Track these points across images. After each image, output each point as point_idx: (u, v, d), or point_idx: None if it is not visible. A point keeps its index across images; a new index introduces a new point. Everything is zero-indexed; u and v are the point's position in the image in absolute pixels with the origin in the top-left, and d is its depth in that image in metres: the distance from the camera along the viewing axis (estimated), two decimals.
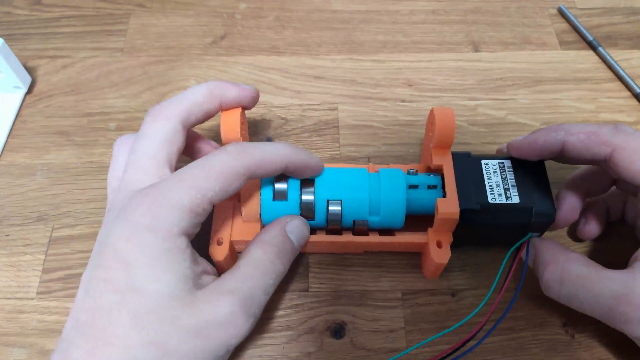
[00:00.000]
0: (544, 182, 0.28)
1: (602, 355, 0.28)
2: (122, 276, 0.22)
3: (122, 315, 0.21)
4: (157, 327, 0.21)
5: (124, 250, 0.22)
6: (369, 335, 0.28)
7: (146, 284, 0.22)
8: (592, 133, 0.25)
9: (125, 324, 0.21)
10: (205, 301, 0.23)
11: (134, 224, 0.22)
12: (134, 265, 0.22)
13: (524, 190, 0.27)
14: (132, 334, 0.21)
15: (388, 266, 0.31)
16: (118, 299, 0.21)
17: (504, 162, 0.28)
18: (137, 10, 0.43)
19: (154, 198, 0.23)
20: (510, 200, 0.27)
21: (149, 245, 0.22)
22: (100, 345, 0.21)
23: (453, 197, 0.27)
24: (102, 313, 0.21)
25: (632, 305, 0.23)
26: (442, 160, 0.28)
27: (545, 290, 0.26)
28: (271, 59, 0.40)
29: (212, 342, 0.22)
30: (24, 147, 0.35)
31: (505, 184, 0.27)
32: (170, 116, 0.26)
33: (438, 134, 0.27)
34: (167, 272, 0.22)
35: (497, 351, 0.28)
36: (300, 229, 0.27)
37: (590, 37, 0.40)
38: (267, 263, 0.25)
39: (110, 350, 0.21)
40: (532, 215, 0.27)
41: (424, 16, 0.43)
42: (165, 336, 0.21)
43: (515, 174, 0.28)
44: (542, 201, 0.27)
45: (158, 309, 0.21)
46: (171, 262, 0.22)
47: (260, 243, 0.26)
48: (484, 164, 0.28)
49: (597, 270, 0.25)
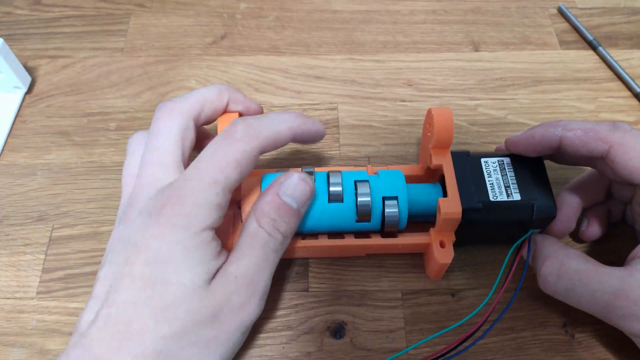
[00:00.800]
0: (543, 179, 0.28)
1: (602, 355, 0.28)
2: (151, 272, 0.22)
3: (148, 309, 0.22)
4: (181, 320, 0.22)
5: (156, 247, 0.22)
6: (369, 335, 0.28)
7: (174, 278, 0.22)
8: (590, 129, 0.25)
9: (151, 317, 0.22)
10: (217, 289, 0.23)
11: (164, 224, 0.23)
12: (164, 262, 0.22)
13: (524, 187, 0.27)
14: (158, 327, 0.22)
15: (388, 266, 0.31)
16: (146, 294, 0.22)
17: (503, 160, 0.28)
18: (137, 10, 0.43)
19: (181, 198, 0.23)
20: (512, 197, 0.27)
21: (179, 243, 0.23)
22: (125, 339, 0.21)
23: (455, 196, 0.27)
24: (127, 307, 0.22)
25: (628, 300, 0.23)
26: (442, 160, 0.28)
27: (542, 285, 0.26)
28: (271, 59, 0.40)
29: (226, 328, 0.23)
30: (24, 147, 0.35)
31: (505, 181, 0.27)
32: (183, 112, 0.26)
33: (437, 134, 0.27)
34: (195, 266, 0.23)
35: (497, 351, 0.28)
36: (298, 187, 0.25)
37: (591, 37, 0.40)
38: (265, 236, 0.25)
39: (136, 344, 0.21)
40: (533, 212, 0.27)
41: (424, 16, 0.43)
42: (187, 327, 0.22)
43: (515, 171, 0.28)
44: (543, 197, 0.27)
45: (182, 301, 0.22)
46: (200, 257, 0.23)
47: (255, 213, 0.25)
48: (484, 162, 0.28)
49: (594, 266, 0.25)
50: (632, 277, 0.24)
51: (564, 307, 0.29)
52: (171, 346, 0.22)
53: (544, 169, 0.28)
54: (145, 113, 0.37)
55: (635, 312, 0.23)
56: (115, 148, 0.35)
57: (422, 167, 0.31)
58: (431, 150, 0.28)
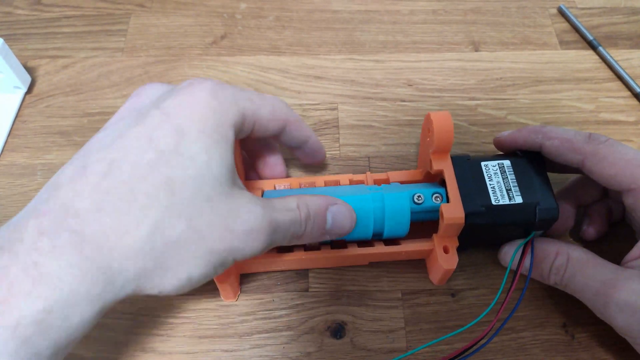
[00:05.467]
0: (544, 180, 0.28)
1: (602, 355, 0.28)
2: (170, 139, 0.21)
3: (158, 174, 0.20)
4: (188, 198, 0.20)
5: (179, 116, 0.21)
6: (369, 335, 0.28)
7: (195, 153, 0.21)
8: (566, 140, 0.26)
9: (158, 184, 0.20)
10: (241, 199, 0.22)
11: (196, 97, 0.22)
12: (186, 133, 0.21)
13: (526, 190, 0.27)
14: (160, 196, 0.20)
15: (388, 266, 0.31)
16: (159, 159, 0.20)
17: (503, 163, 0.28)
18: (137, 10, 0.43)
19: (215, 84, 0.23)
20: (514, 200, 0.27)
21: (206, 120, 0.21)
22: (126, 202, 0.20)
23: (457, 201, 0.26)
24: (136, 169, 0.20)
25: (615, 289, 0.24)
26: (442, 165, 0.28)
27: (553, 278, 0.27)
28: (271, 59, 0.40)
29: (229, 241, 0.21)
30: (24, 147, 0.35)
31: (507, 184, 0.27)
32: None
33: (437, 139, 0.27)
34: (216, 150, 0.21)
35: (497, 351, 0.28)
36: (343, 218, 0.26)
37: (591, 37, 0.40)
38: (297, 217, 0.24)
39: (135, 208, 0.20)
40: (536, 214, 0.27)
41: (424, 16, 0.43)
42: (193, 210, 0.20)
43: (515, 174, 0.28)
44: (545, 199, 0.27)
45: (196, 180, 0.21)
46: (223, 145, 0.22)
47: (300, 200, 0.25)
48: (484, 165, 0.28)
49: (594, 257, 0.26)
50: (625, 271, 0.25)
51: (564, 307, 0.29)
52: (171, 221, 0.20)
53: (544, 168, 0.28)
54: None
55: (618, 302, 0.24)
56: None
57: (422, 171, 0.30)
58: (431, 156, 0.28)
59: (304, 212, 0.25)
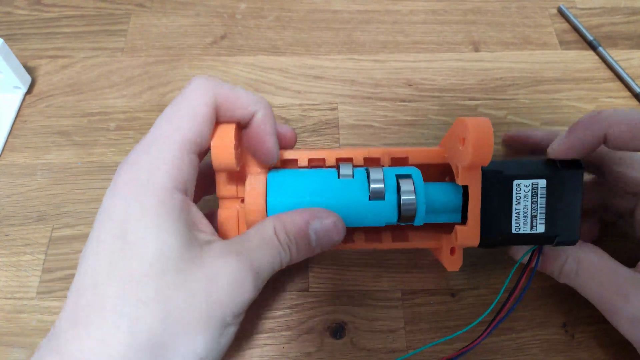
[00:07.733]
0: (575, 202, 0.25)
1: (602, 355, 0.28)
2: (115, 233, 0.20)
3: (117, 273, 0.20)
4: (157, 283, 0.20)
5: (111, 209, 0.21)
6: (369, 335, 0.28)
7: (141, 239, 0.20)
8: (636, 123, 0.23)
9: (120, 282, 0.19)
10: (213, 257, 0.21)
11: (122, 185, 0.21)
12: (126, 220, 0.20)
13: (551, 215, 0.25)
14: (131, 291, 0.19)
15: (388, 266, 0.31)
16: (113, 257, 0.20)
17: (537, 184, 0.25)
18: (137, 10, 0.43)
19: (137, 159, 0.22)
20: (535, 229, 0.25)
21: (137, 201, 0.21)
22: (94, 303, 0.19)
23: (475, 226, 0.24)
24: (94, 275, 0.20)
25: (627, 300, 0.24)
26: (469, 181, 0.24)
27: (565, 280, 0.27)
28: (271, 59, 0.40)
29: (219, 300, 0.20)
30: (24, 147, 0.35)
31: (534, 210, 0.25)
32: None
33: (473, 154, 0.23)
34: (162, 225, 0.20)
35: (496, 351, 0.28)
36: (328, 232, 0.24)
37: (590, 37, 0.40)
38: (277, 245, 0.23)
39: (106, 309, 0.19)
40: (553, 242, 0.25)
41: (424, 16, 0.43)
42: (168, 292, 0.20)
43: (547, 197, 0.25)
44: (567, 229, 0.25)
45: (156, 263, 0.20)
46: (166, 217, 0.21)
47: (277, 221, 0.23)
48: (516, 185, 0.25)
49: (606, 261, 0.26)
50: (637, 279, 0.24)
51: (564, 307, 0.29)
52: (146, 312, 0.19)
53: (580, 188, 0.25)
54: (145, 113, 0.37)
55: (629, 316, 0.24)
56: (115, 148, 0.35)
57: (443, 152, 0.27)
58: (460, 170, 0.25)
59: (283, 237, 0.23)
